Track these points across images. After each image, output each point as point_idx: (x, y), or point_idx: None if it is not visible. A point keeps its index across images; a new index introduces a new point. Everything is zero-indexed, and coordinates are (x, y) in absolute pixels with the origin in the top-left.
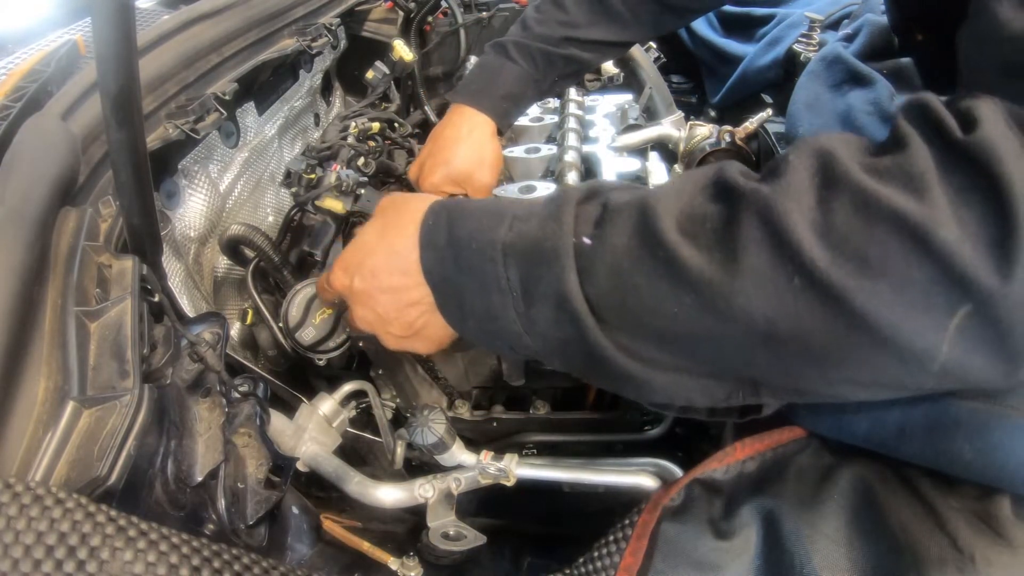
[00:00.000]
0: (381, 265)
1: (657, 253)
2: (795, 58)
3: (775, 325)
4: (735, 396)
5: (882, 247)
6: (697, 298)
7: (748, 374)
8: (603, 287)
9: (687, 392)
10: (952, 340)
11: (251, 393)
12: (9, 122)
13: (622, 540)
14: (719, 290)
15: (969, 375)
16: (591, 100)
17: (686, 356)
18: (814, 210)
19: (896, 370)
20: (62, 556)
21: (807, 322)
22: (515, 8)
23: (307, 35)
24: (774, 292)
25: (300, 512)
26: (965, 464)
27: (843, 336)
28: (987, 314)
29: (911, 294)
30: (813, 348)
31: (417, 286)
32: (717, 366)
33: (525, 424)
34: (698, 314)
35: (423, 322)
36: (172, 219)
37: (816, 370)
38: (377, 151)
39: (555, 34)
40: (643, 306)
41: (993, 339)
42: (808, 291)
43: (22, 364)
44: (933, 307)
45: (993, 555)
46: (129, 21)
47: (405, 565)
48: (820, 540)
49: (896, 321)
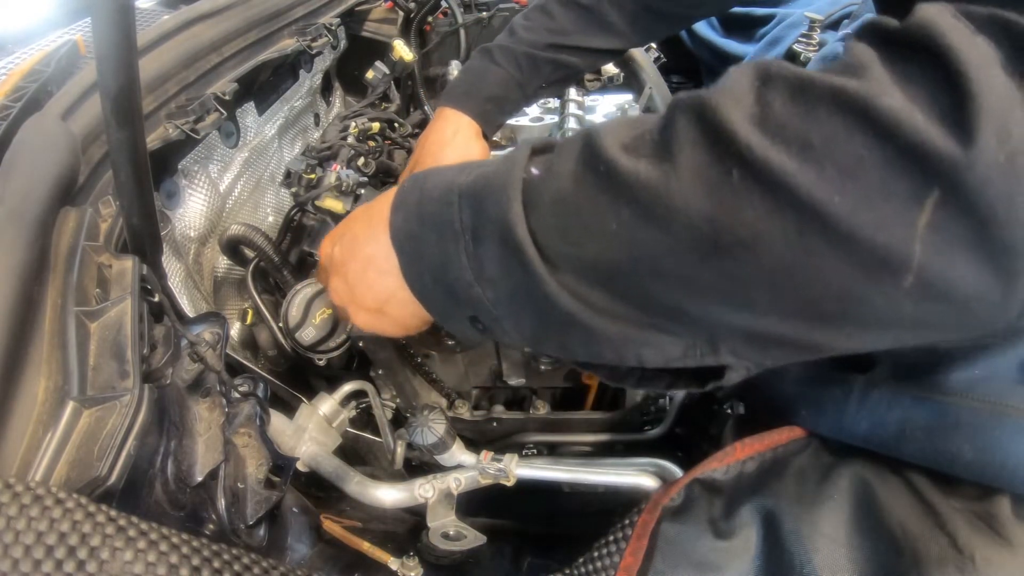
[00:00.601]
0: (360, 233)
1: (598, 168)
2: (795, 58)
3: (716, 226)
4: (691, 354)
5: (823, 127)
6: (635, 208)
7: (700, 317)
8: (548, 219)
9: (637, 347)
10: (924, 239)
11: (251, 393)
12: (9, 122)
13: (622, 540)
14: (655, 192)
15: (955, 288)
16: (591, 100)
17: (632, 297)
18: (752, 106)
19: (865, 286)
20: (62, 556)
21: (751, 220)
22: (515, 8)
23: (307, 35)
24: (712, 188)
25: (300, 512)
26: (965, 464)
27: (793, 235)
28: (958, 195)
29: (864, 178)
30: (762, 257)
31: (388, 255)
32: (664, 306)
33: (525, 424)
34: (637, 227)
35: (388, 293)
36: (172, 219)
37: (770, 294)
38: (377, 151)
39: (542, 40)
40: (584, 229)
41: (972, 230)
42: (748, 182)
43: (22, 364)
44: (893, 195)
45: (993, 555)
46: (129, 21)
47: (405, 565)
48: (820, 540)
49: (851, 209)
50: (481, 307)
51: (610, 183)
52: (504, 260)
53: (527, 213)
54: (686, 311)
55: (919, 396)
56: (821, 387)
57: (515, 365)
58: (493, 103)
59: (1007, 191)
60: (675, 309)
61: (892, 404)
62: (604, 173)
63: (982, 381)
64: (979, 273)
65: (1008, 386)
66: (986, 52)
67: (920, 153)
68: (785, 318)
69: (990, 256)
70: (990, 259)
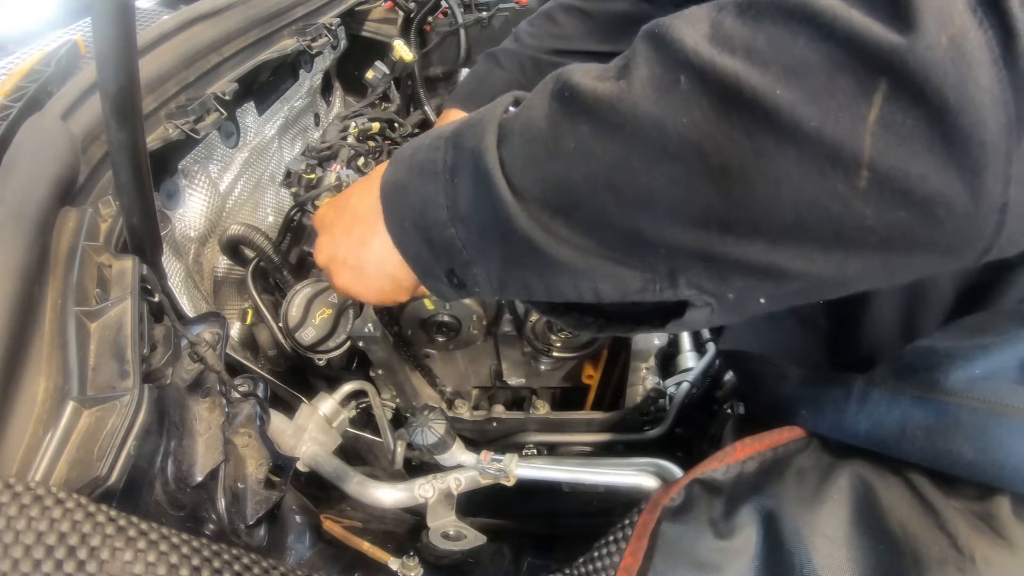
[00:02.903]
0: (353, 192)
1: (563, 95)
2: None
3: (665, 130)
4: (650, 288)
5: (767, 33)
6: (591, 121)
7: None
8: (516, 147)
9: (595, 280)
10: (876, 133)
11: (251, 393)
12: (9, 122)
13: (622, 540)
14: (609, 103)
15: (914, 186)
16: None
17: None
18: (704, 26)
19: (815, 183)
20: (62, 556)
21: (699, 122)
22: (515, 8)
23: (307, 35)
24: (661, 94)
25: (300, 512)
26: (966, 464)
27: (742, 136)
28: (906, 87)
29: (809, 76)
30: (711, 160)
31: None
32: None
33: (525, 424)
34: (592, 140)
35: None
36: (172, 219)
37: (722, 204)
38: (377, 151)
39: (546, 45)
40: (546, 152)
41: (925, 121)
42: (695, 85)
43: (22, 364)
44: (839, 90)
45: (993, 555)
46: (129, 21)
47: (405, 565)
48: (820, 540)
49: (797, 106)
50: (454, 252)
51: (571, 105)
52: (475, 191)
53: (499, 145)
54: (642, 233)
55: (919, 396)
56: (821, 387)
57: (515, 365)
58: None
59: (957, 76)
60: (631, 233)
61: (892, 404)
62: (568, 98)
63: (982, 381)
64: (939, 168)
65: (1008, 386)
66: None
67: (860, 46)
68: (740, 232)
69: (948, 148)
70: (949, 151)
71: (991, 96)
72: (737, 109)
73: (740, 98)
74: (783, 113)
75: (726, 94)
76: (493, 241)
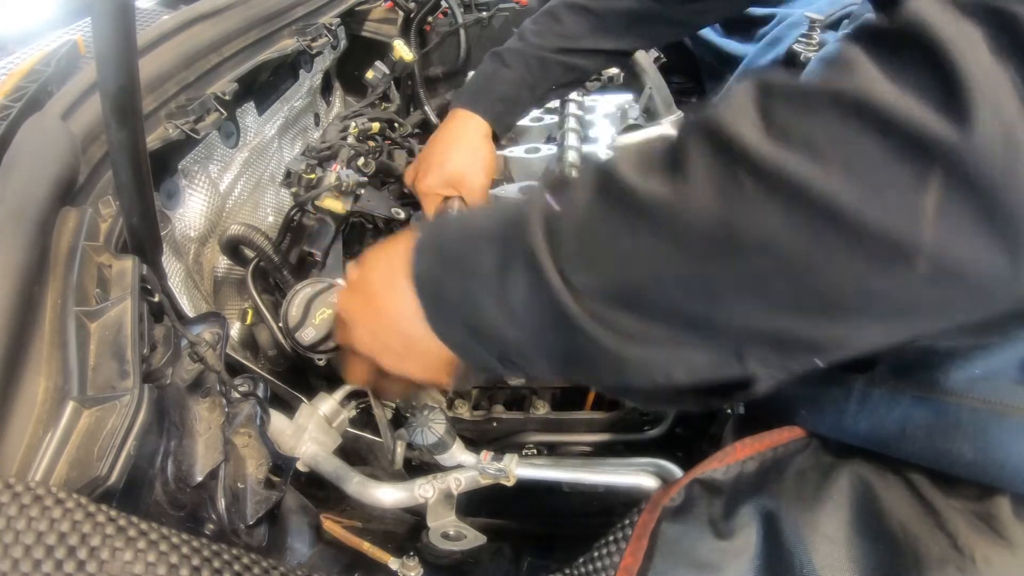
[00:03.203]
0: (378, 282)
1: (611, 191)
2: (795, 58)
3: (733, 230)
4: (719, 367)
5: (825, 128)
6: (651, 223)
7: (720, 319)
8: (570, 247)
9: (665, 367)
10: (932, 221)
11: (251, 393)
12: (9, 122)
13: (622, 540)
14: (669, 206)
15: (967, 266)
16: (591, 100)
17: (656, 314)
18: (756, 116)
19: (878, 274)
20: (62, 556)
21: (765, 222)
22: (515, 8)
23: (307, 35)
24: (725, 195)
25: (300, 512)
26: (966, 464)
27: (806, 232)
28: (961, 176)
29: (868, 169)
30: (779, 255)
31: (409, 299)
32: (688, 322)
33: (525, 424)
34: (654, 242)
35: (412, 338)
36: (172, 219)
37: (790, 291)
38: (377, 151)
39: (551, 44)
40: (605, 252)
41: (977, 206)
42: (759, 185)
43: (22, 364)
44: (897, 181)
45: (993, 555)
46: (129, 21)
47: (405, 565)
48: (820, 540)
49: (858, 202)
50: (508, 345)
51: (625, 203)
52: (531, 295)
53: (550, 245)
54: (710, 319)
55: (919, 396)
56: (821, 387)
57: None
58: (504, 104)
59: (1007, 165)
60: (699, 319)
61: (892, 404)
62: (618, 194)
63: (982, 381)
64: (989, 247)
65: (1008, 386)
66: (972, 35)
67: (918, 140)
68: (807, 316)
69: (997, 228)
70: (997, 231)
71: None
72: (803, 208)
73: (805, 198)
74: (848, 213)
75: (791, 195)
76: (553, 341)
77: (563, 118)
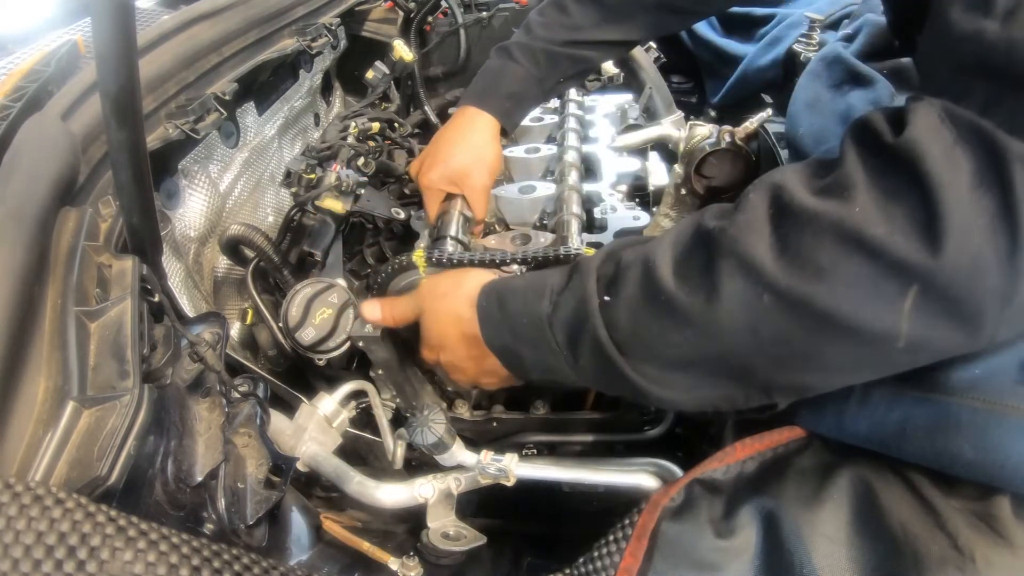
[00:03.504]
0: (456, 343)
1: (659, 298)
2: (795, 58)
3: (759, 336)
4: (752, 399)
5: (828, 254)
6: (694, 328)
7: (754, 380)
8: (625, 332)
9: (712, 402)
10: (909, 318)
11: (251, 393)
12: (9, 122)
13: (622, 540)
14: (709, 318)
15: (936, 344)
16: (591, 100)
17: (701, 375)
18: (771, 236)
19: (868, 353)
20: (62, 556)
21: (783, 328)
22: (515, 8)
23: (307, 35)
24: (751, 310)
25: (300, 512)
26: (966, 464)
27: (815, 333)
28: (932, 289)
29: (861, 287)
30: (794, 347)
31: (488, 354)
32: (727, 377)
33: (525, 424)
34: (698, 340)
35: (506, 374)
36: (172, 219)
37: (803, 364)
38: (377, 151)
39: (559, 36)
40: (656, 340)
41: (945, 309)
42: (777, 303)
43: (22, 364)
44: (883, 294)
45: (993, 555)
46: (129, 21)
47: (405, 565)
48: (820, 540)
49: (853, 311)
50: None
51: (669, 311)
52: (600, 365)
53: (608, 330)
54: (746, 376)
55: (919, 396)
56: None
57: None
58: (513, 100)
59: (969, 282)
60: (738, 374)
61: (892, 404)
62: (664, 303)
63: (982, 381)
64: (952, 332)
65: (1008, 386)
66: (959, 165)
67: (900, 264)
68: (814, 375)
69: (959, 322)
70: (959, 324)
71: (995, 289)
72: (811, 318)
73: (813, 311)
74: (845, 319)
75: (801, 308)
76: (619, 387)
77: (563, 118)
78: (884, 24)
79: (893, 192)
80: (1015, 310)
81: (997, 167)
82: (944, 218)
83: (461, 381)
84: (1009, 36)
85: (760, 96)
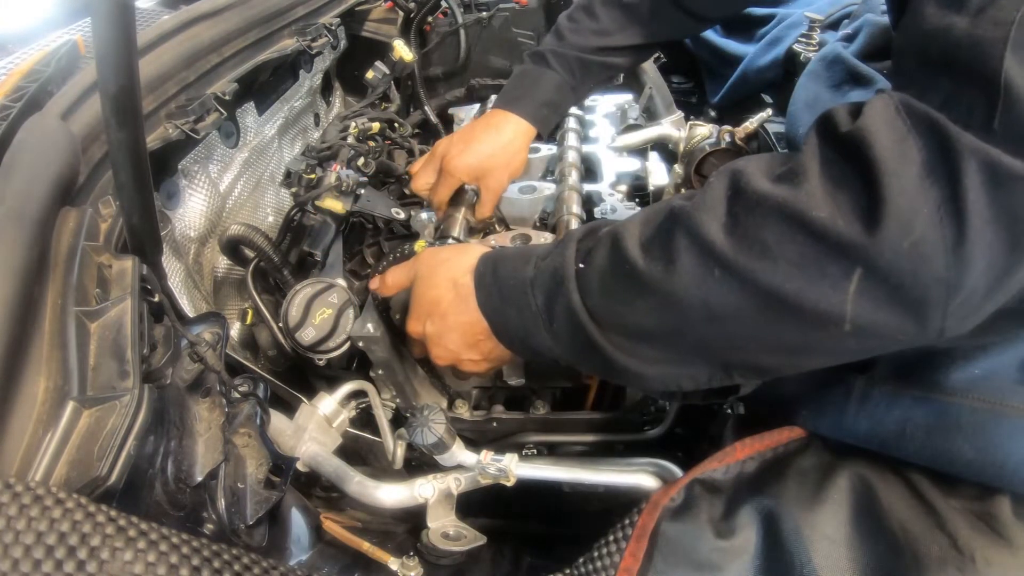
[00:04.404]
0: (446, 308)
1: (624, 266)
2: (795, 58)
3: (711, 309)
4: (714, 379)
5: (774, 233)
6: (654, 296)
7: (712, 358)
8: (596, 299)
9: (676, 379)
10: (854, 301)
11: (251, 393)
12: (9, 122)
13: (622, 540)
14: (666, 288)
15: (883, 330)
16: (591, 100)
17: (664, 348)
18: (724, 215)
19: (816, 335)
20: (62, 556)
21: (732, 302)
22: (515, 8)
23: (307, 35)
24: (703, 283)
25: (300, 512)
26: (965, 464)
27: (762, 308)
28: (875, 272)
29: (806, 267)
30: (745, 324)
31: (479, 320)
32: (689, 353)
33: (525, 424)
34: (658, 309)
35: (490, 347)
36: (172, 219)
37: (756, 343)
38: (377, 151)
39: (590, 43)
40: (622, 307)
41: (889, 294)
42: (726, 277)
43: (22, 364)
44: (828, 275)
45: (993, 555)
46: (129, 21)
47: (405, 565)
48: (820, 540)
49: (797, 290)
50: (561, 358)
51: (632, 276)
52: (572, 330)
53: (581, 295)
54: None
55: (919, 396)
56: (821, 387)
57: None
58: (549, 107)
59: (912, 268)
60: (697, 349)
61: (892, 404)
62: (628, 272)
63: (982, 381)
64: (898, 317)
65: (1008, 386)
66: (909, 155)
67: (843, 247)
68: (768, 355)
69: (904, 307)
70: (904, 310)
71: (940, 278)
72: (757, 294)
73: (758, 287)
74: (790, 297)
75: (748, 283)
76: (586, 357)
77: (563, 118)
78: (884, 24)
79: (841, 178)
80: (964, 302)
81: (948, 159)
82: (886, 202)
83: (442, 357)
84: (975, 32)
85: (760, 96)
